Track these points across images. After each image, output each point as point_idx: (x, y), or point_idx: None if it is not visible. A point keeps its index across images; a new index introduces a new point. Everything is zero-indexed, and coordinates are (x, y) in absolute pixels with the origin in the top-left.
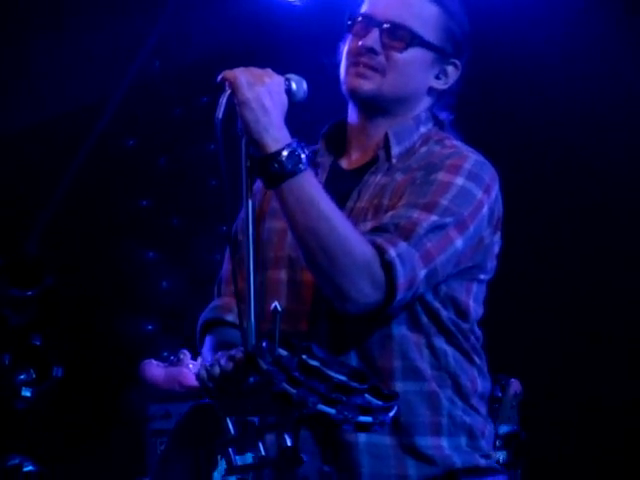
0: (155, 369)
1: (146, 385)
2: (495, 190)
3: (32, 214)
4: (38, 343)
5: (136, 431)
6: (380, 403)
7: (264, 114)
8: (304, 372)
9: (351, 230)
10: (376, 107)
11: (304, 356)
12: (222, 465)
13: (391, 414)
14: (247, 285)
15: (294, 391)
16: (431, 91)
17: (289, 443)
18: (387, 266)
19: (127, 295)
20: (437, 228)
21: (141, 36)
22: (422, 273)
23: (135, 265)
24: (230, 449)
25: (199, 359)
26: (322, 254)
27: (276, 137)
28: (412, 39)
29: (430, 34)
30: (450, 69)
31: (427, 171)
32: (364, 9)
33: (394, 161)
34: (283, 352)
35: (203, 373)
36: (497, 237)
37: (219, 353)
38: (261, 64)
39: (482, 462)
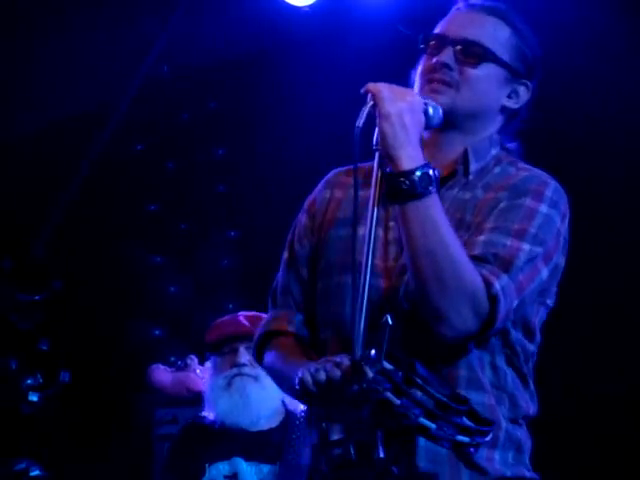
0: (162, 374)
1: (153, 390)
2: (568, 218)
3: (39, 218)
4: (45, 348)
5: (143, 436)
6: (478, 426)
7: (403, 130)
8: (409, 385)
9: (465, 259)
10: (450, 122)
11: (410, 373)
12: (209, 473)
13: (487, 438)
14: (360, 295)
15: (398, 401)
16: (503, 110)
17: (382, 454)
18: (493, 299)
19: (134, 300)
20: (530, 258)
21: (149, 41)
22: (515, 303)
23: (142, 270)
24: (323, 452)
25: (206, 364)
26: (434, 277)
27: (411, 155)
28: (485, 55)
29: (503, 52)
30: (522, 89)
31: (512, 193)
32: (437, 30)
33: (471, 177)
34: (388, 365)
35: (308, 378)
36: (563, 262)
37: (322, 359)
38: (269, 69)
39: (527, 474)
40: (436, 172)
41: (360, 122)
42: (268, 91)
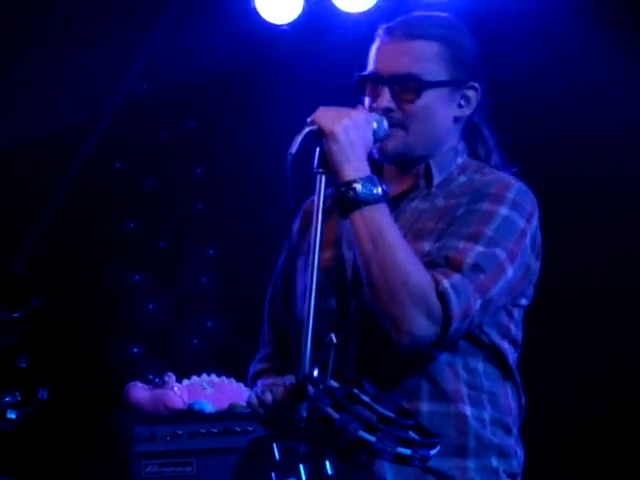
0: (140, 391)
1: (131, 407)
2: (536, 218)
3: (19, 234)
4: (24, 365)
5: (121, 453)
6: (421, 438)
7: (348, 146)
8: (351, 401)
9: (413, 263)
10: (407, 160)
11: (355, 390)
12: None
13: (433, 452)
14: (306, 313)
15: (337, 416)
16: (457, 120)
17: (329, 472)
18: (441, 296)
19: (113, 317)
20: (487, 258)
21: (129, 59)
22: (478, 303)
23: (121, 287)
24: (273, 473)
25: (184, 381)
26: (383, 284)
27: (355, 167)
28: (420, 85)
29: (437, 71)
30: (470, 93)
31: (472, 198)
32: (370, 67)
33: (433, 189)
34: (334, 383)
35: (254, 400)
36: (538, 265)
37: (269, 380)
38: (249, 87)
39: None
40: (382, 185)
41: (293, 149)
42: (248, 109)
